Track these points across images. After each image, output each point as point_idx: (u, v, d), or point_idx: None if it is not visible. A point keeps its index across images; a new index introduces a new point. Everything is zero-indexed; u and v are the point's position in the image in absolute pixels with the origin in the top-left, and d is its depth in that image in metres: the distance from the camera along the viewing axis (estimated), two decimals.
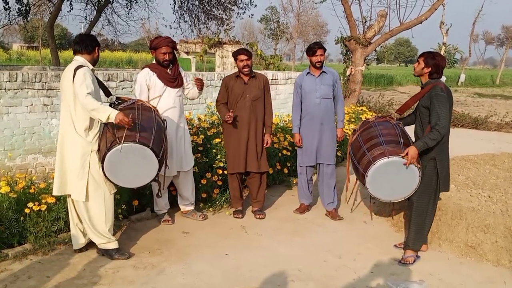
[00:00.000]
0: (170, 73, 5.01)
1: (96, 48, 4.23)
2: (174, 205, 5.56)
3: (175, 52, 5.13)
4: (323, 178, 5.69)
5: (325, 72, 5.50)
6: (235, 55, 5.38)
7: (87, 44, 4.18)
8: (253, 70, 5.54)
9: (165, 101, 4.94)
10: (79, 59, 4.14)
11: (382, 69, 54.81)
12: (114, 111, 3.92)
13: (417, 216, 4.52)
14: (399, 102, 18.29)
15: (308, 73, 5.55)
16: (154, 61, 5.05)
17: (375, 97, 18.23)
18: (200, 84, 5.17)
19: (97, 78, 4.29)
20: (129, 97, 4.50)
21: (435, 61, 4.35)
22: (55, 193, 4.24)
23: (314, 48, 5.41)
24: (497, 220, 4.64)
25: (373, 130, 4.65)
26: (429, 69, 4.37)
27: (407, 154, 4.25)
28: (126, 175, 4.06)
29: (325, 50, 5.46)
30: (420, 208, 4.50)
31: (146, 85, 4.92)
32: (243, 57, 5.31)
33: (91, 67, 4.18)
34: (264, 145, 5.52)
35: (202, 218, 5.44)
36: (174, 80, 5.04)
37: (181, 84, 5.16)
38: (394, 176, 4.38)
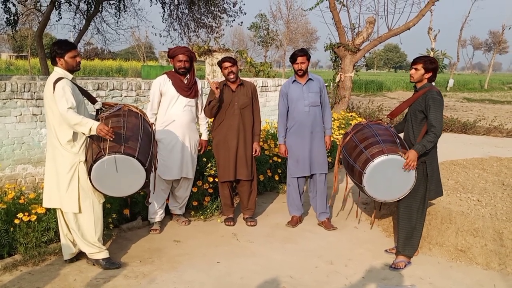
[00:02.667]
0: (185, 82, 5.17)
1: (57, 58, 4.04)
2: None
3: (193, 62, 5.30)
4: (315, 188, 5.56)
5: (311, 79, 5.41)
6: (220, 63, 5.44)
7: (50, 57, 4.09)
8: (241, 78, 5.55)
9: (175, 108, 5.15)
10: (58, 71, 4.06)
11: (372, 75, 55.17)
12: (95, 123, 3.87)
13: (403, 220, 4.55)
14: (389, 108, 18.39)
15: (294, 81, 5.43)
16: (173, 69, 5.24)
17: (365, 103, 18.34)
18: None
19: (79, 87, 4.19)
20: (116, 102, 4.48)
21: (434, 66, 4.41)
22: (45, 205, 4.22)
23: (295, 56, 5.34)
24: (486, 224, 4.67)
25: (368, 131, 4.65)
26: (430, 74, 4.42)
27: (407, 157, 4.28)
28: (114, 185, 4.04)
29: (308, 57, 5.33)
30: (406, 212, 4.52)
31: (159, 91, 5.14)
32: (227, 64, 5.35)
33: (70, 77, 4.08)
34: (253, 153, 5.54)
35: (184, 224, 5.49)
36: (188, 90, 5.18)
37: (195, 95, 5.27)
38: (391, 175, 4.38)
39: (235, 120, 5.38)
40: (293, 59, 5.36)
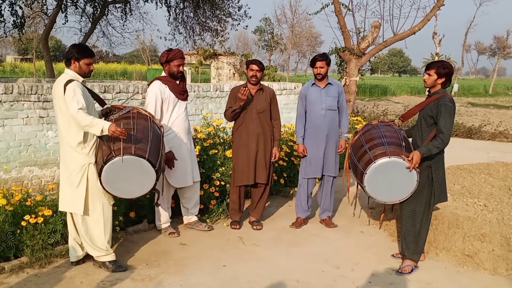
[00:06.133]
0: (180, 85, 5.08)
1: (72, 60, 4.05)
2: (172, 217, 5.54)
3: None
4: (323, 188, 5.70)
5: (330, 83, 5.48)
6: (248, 63, 5.48)
7: (66, 57, 4.12)
8: (262, 83, 5.56)
9: (178, 113, 5.06)
10: (69, 73, 4.07)
11: (376, 79, 55.13)
12: (106, 123, 3.89)
13: (406, 224, 4.54)
14: (393, 112, 18.39)
15: (314, 84, 5.52)
16: (163, 74, 5.06)
17: (370, 107, 18.33)
18: None
19: (88, 89, 4.21)
20: (124, 105, 4.50)
21: (447, 71, 4.37)
22: (60, 208, 4.23)
23: (314, 60, 5.44)
24: (493, 229, 4.66)
25: (375, 132, 4.68)
26: (443, 79, 4.39)
27: (411, 159, 4.28)
28: (124, 187, 4.07)
29: (327, 61, 5.39)
30: (410, 216, 4.51)
31: (160, 98, 4.91)
32: (254, 66, 5.39)
33: (81, 79, 4.09)
34: (272, 158, 5.54)
35: (208, 228, 5.44)
36: (183, 93, 5.12)
37: (187, 98, 5.24)
38: (393, 177, 4.39)
39: (254, 124, 5.39)
40: (312, 63, 5.46)
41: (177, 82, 5.06)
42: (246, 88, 5.19)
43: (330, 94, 5.46)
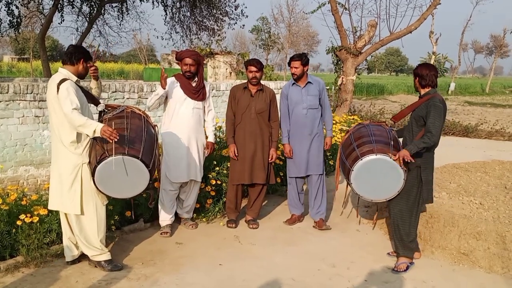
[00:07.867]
0: (193, 85, 5.16)
1: (81, 60, 4.09)
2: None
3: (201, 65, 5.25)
4: (312, 188, 5.64)
5: (310, 82, 5.47)
6: (246, 64, 5.46)
7: (71, 56, 4.11)
8: (262, 83, 5.55)
9: (183, 110, 5.13)
10: (63, 71, 4.06)
11: (373, 79, 55.19)
12: (99, 125, 3.87)
13: (396, 224, 4.57)
14: (390, 111, 18.38)
15: (294, 83, 5.50)
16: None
17: (367, 106, 18.31)
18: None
19: (83, 89, 4.20)
20: (119, 104, 4.50)
21: (415, 71, 4.53)
22: (49, 207, 4.22)
23: (289, 60, 5.44)
24: (489, 227, 4.66)
25: (365, 130, 4.75)
26: (416, 79, 4.52)
27: (398, 154, 4.31)
28: (117, 187, 4.06)
29: (302, 61, 5.35)
30: (399, 215, 4.54)
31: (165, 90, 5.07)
32: (253, 68, 5.37)
33: (75, 79, 4.08)
34: (270, 159, 5.54)
35: (192, 227, 5.46)
36: (196, 92, 5.17)
37: (203, 98, 5.27)
38: (379, 175, 4.43)
39: (252, 125, 5.39)
40: (289, 63, 5.45)
41: (192, 81, 5.16)
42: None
43: (311, 93, 5.45)
